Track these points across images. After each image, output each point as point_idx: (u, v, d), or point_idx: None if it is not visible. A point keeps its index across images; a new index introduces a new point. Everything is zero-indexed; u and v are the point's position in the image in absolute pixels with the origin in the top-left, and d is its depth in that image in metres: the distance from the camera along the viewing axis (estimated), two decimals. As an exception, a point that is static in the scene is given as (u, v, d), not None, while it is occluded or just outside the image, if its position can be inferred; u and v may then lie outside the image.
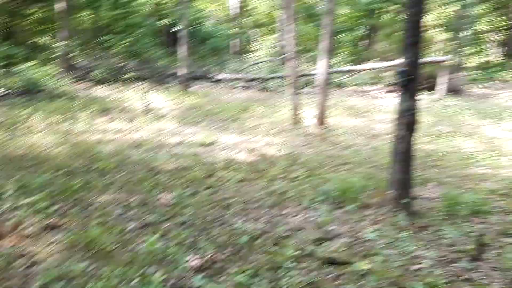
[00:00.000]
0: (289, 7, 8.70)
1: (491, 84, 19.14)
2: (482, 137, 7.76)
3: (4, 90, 10.97)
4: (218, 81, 15.89)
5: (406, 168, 4.21)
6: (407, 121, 4.12)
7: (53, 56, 15.09)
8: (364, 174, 5.51)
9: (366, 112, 10.47)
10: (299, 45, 11.35)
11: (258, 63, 19.55)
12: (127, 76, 14.56)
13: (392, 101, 12.70)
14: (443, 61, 14.26)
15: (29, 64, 12.45)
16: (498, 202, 4.52)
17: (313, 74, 15.06)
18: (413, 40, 4.01)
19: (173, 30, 20.07)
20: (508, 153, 6.52)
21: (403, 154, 4.20)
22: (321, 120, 8.50)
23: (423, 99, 9.99)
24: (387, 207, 4.26)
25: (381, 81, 16.42)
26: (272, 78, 15.76)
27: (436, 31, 20.50)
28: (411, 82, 4.05)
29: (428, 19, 15.93)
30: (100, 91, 12.85)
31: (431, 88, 13.82)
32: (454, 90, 14.87)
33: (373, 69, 15.57)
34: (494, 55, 31.42)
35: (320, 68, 8.52)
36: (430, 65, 13.82)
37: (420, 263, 3.25)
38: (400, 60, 13.60)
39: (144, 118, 8.82)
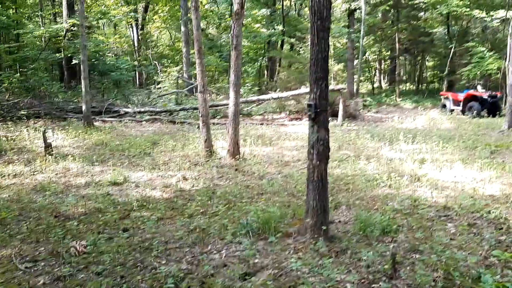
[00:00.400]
0: (197, 41, 8.80)
1: (381, 108, 21.01)
2: (382, 159, 8.41)
3: None
4: (124, 114, 15.39)
5: (321, 196, 4.41)
6: (319, 151, 4.34)
7: None
8: (281, 202, 5.66)
9: (276, 140, 10.82)
10: (207, 77, 11.50)
11: (164, 95, 19.36)
12: (21, 113, 13.50)
13: (297, 128, 13.34)
14: (341, 89, 15.35)
15: None
16: (403, 221, 4.92)
17: (223, 105, 15.32)
18: (320, 75, 4.28)
19: (72, 63, 19.22)
20: (406, 172, 7.15)
21: (317, 182, 4.40)
22: (234, 150, 8.61)
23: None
24: (307, 234, 4.41)
25: (285, 110, 17.17)
26: (181, 110, 15.68)
27: (331, 63, 22.12)
28: (321, 114, 4.30)
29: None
30: (-9, 131, 11.74)
31: (335, 114, 14.75)
32: (351, 115, 16.05)
33: (279, 98, 16.23)
34: (382, 82, 34.65)
35: (230, 100, 8.69)
36: (330, 93, 14.78)
37: (344, 288, 3.40)
38: (302, 90, 14.34)
39: (46, 158, 8.20)
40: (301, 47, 22.10)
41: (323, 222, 4.36)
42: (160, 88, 21.45)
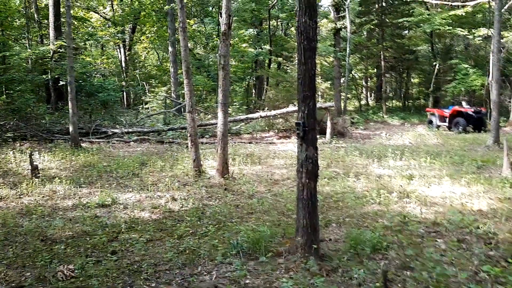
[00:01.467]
0: (185, 61, 8.85)
1: (369, 125, 21.21)
2: (370, 176, 8.46)
3: None
4: (112, 135, 15.29)
5: (311, 214, 4.40)
6: (308, 169, 4.35)
7: None
8: (271, 222, 5.64)
9: (265, 159, 10.82)
10: (195, 96, 11.53)
11: (152, 115, 19.33)
12: (7, 135, 13.33)
13: (286, 147, 13.37)
14: (329, 107, 15.49)
15: None
16: (394, 238, 4.92)
17: (211, 124, 15.33)
18: (308, 93, 4.33)
19: (59, 84, 19.12)
20: (395, 189, 7.18)
21: (307, 200, 4.40)
22: (223, 170, 8.58)
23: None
24: (297, 253, 4.38)
25: (274, 128, 17.24)
26: (169, 130, 15.64)
27: (318, 81, 22.36)
28: (309, 132, 4.33)
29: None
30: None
31: (323, 132, 14.84)
32: (340, 133, 16.17)
33: (267, 116, 16.29)
34: (369, 99, 35.10)
35: (219, 119, 8.70)
36: (318, 111, 14.90)
37: (336, 307, 3.37)
38: (290, 108, 14.41)
39: (32, 181, 8.07)
40: (288, 66, 22.33)
41: (313, 240, 4.34)
42: (148, 108, 21.44)
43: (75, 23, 23.91)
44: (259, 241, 4.58)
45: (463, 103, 18.52)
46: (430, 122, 19.17)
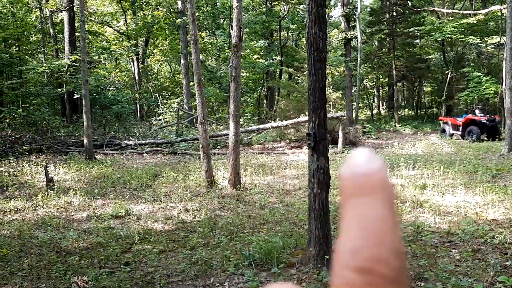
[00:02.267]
0: (197, 73, 8.95)
1: (381, 134, 21.10)
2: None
3: None
4: (125, 147, 15.46)
5: (324, 225, 4.40)
6: (320, 179, 4.36)
7: None
8: (283, 232, 5.63)
9: (277, 169, 10.83)
10: (207, 107, 11.65)
11: (165, 126, 19.51)
12: (23, 148, 13.57)
13: (297, 157, 13.37)
14: (340, 116, 15.47)
15: None
16: (407, 248, 4.88)
17: (223, 135, 15.41)
18: (318, 104, 4.35)
19: (74, 98, 19.45)
20: (408, 199, 7.13)
21: (319, 211, 4.40)
22: (235, 180, 8.61)
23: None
24: (310, 264, 4.37)
25: (285, 138, 17.26)
26: (182, 141, 15.76)
27: (329, 91, 22.36)
28: (320, 142, 4.34)
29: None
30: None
31: (334, 141, 14.81)
32: (351, 142, 16.10)
33: (278, 126, 16.34)
34: (381, 108, 34.95)
35: (230, 130, 8.76)
36: (330, 120, 14.90)
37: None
38: (301, 118, 14.40)
39: (47, 193, 8.20)
40: (299, 76, 22.41)
41: (326, 251, 4.33)
42: (161, 120, 21.65)
43: (90, 37, 24.37)
44: (271, 252, 4.59)
45: (477, 111, 18.31)
46: (443, 131, 18.99)
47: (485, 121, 16.99)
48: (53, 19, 23.63)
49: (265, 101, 29.32)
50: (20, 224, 6.45)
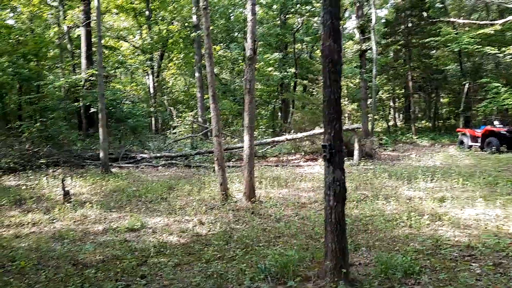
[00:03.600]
0: (211, 86, 9.01)
1: (398, 146, 20.86)
2: (400, 198, 8.27)
3: None
4: (140, 160, 15.58)
5: (340, 238, 4.33)
6: (336, 192, 4.30)
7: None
8: (299, 245, 5.56)
9: (292, 182, 10.76)
10: (221, 120, 11.71)
11: (180, 139, 19.61)
12: (41, 161, 13.77)
13: (313, 169, 13.28)
14: (356, 128, 15.36)
15: None
16: (426, 261, 4.77)
17: (237, 148, 15.41)
18: (334, 116, 4.32)
19: (90, 112, 19.73)
20: (426, 211, 6.99)
21: (335, 224, 4.34)
22: (250, 193, 8.58)
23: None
24: (327, 278, 4.30)
25: (300, 150, 17.18)
26: (196, 154, 15.81)
27: (344, 102, 22.28)
28: (336, 154, 4.30)
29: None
30: (11, 180, 11.97)
31: (350, 153, 14.70)
32: (367, 155, 15.95)
33: (293, 139, 16.29)
34: (397, 119, 34.66)
35: (245, 142, 8.76)
36: (345, 132, 14.80)
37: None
38: (317, 130, 14.36)
39: (64, 206, 8.27)
40: (313, 88, 22.39)
41: (342, 265, 4.26)
42: (175, 133, 21.78)
43: (106, 52, 24.80)
44: (287, 265, 4.53)
45: (496, 122, 18.00)
46: (461, 142, 18.71)
47: (504, 132, 16.68)
48: (70, 34, 24.13)
49: (279, 114, 29.33)
50: (38, 237, 6.51)
